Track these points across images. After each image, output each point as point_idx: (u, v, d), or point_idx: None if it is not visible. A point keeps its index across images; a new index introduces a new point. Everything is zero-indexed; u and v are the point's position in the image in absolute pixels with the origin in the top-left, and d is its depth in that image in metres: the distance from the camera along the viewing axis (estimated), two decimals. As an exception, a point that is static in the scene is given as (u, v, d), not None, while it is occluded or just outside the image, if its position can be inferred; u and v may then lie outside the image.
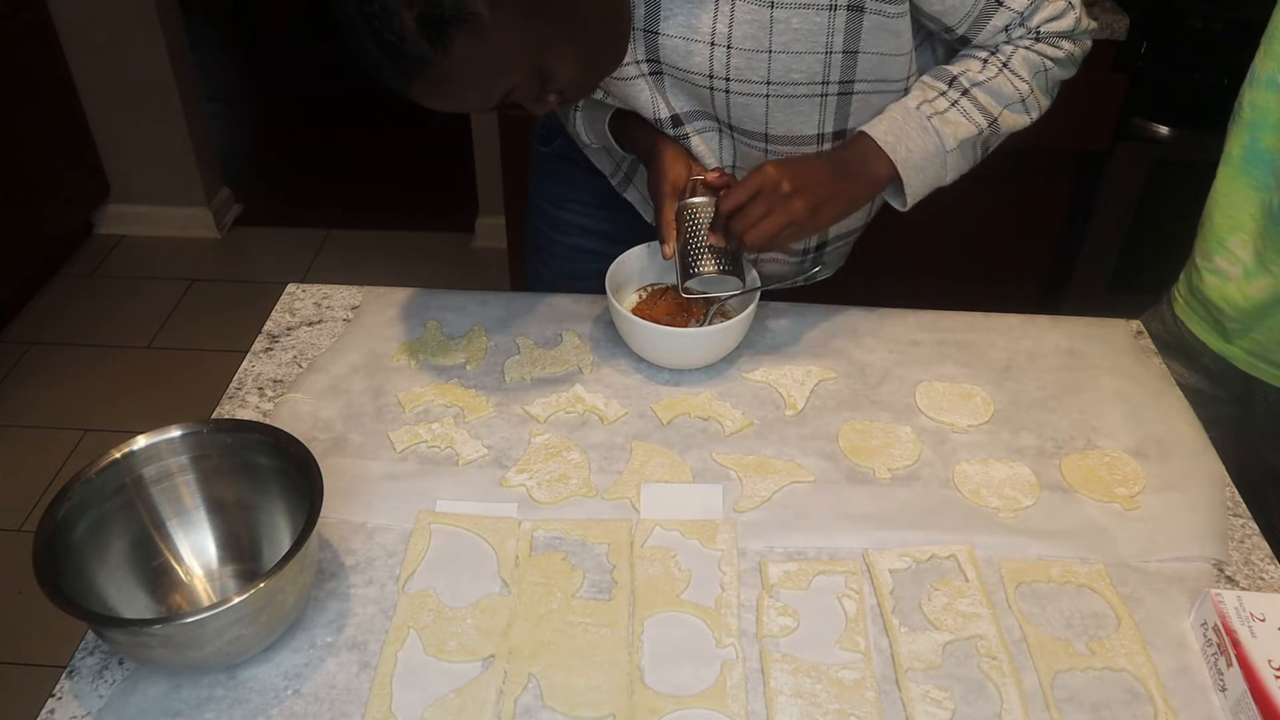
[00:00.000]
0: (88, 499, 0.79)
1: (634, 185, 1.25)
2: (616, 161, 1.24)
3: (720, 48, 0.96)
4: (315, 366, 1.08)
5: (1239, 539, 0.92)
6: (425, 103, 0.86)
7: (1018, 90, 1.02)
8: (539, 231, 1.38)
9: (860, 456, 0.99)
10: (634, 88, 1.02)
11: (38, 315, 2.72)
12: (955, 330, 1.17)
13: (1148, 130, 2.09)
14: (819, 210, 0.99)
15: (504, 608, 0.83)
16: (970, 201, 2.16)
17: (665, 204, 1.04)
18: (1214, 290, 1.13)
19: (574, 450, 0.99)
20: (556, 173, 1.32)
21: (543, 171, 1.35)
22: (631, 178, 1.25)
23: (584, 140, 1.18)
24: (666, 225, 1.03)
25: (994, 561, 0.89)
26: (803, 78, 0.97)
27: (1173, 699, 0.78)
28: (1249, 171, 1.08)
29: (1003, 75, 1.01)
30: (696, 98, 1.03)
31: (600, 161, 1.25)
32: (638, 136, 1.10)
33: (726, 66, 0.97)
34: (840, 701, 0.76)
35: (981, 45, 1.02)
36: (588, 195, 1.30)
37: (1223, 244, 1.11)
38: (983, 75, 1.01)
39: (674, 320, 1.10)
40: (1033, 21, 0.99)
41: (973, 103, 1.01)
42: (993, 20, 0.99)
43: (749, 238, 0.99)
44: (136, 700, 0.76)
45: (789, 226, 0.98)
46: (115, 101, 2.79)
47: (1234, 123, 1.11)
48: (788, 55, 0.95)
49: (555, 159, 1.31)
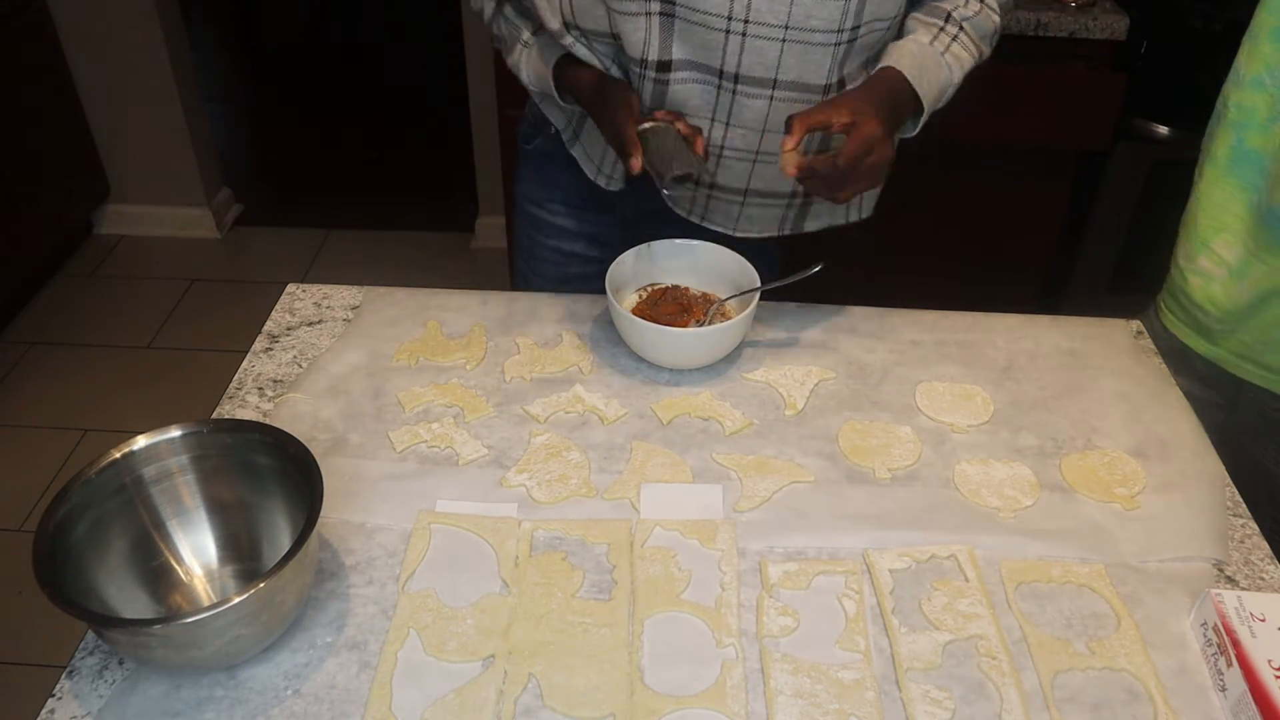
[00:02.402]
0: (88, 499, 0.79)
1: (580, 142, 1.23)
2: (567, 116, 1.22)
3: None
4: (315, 366, 1.08)
5: (1239, 539, 0.92)
6: None
7: (994, 24, 1.10)
8: (523, 234, 1.38)
9: (860, 456, 0.99)
10: (631, 24, 1.00)
11: (38, 315, 2.72)
12: (955, 330, 1.17)
13: (1148, 130, 2.09)
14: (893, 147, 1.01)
15: (504, 608, 0.83)
16: (970, 201, 2.17)
17: (627, 120, 1.03)
18: (1198, 292, 1.13)
19: (574, 450, 0.99)
20: (538, 172, 1.32)
21: (525, 171, 1.34)
22: (579, 134, 1.23)
23: (523, 81, 1.15)
24: (630, 141, 1.02)
25: (994, 561, 0.89)
26: (821, 24, 0.98)
27: (1173, 699, 0.78)
28: (1235, 172, 1.08)
29: (984, 10, 1.08)
30: (703, 43, 1.01)
31: (550, 111, 1.23)
32: (580, 77, 1.08)
33: (747, 8, 0.97)
34: (840, 701, 0.76)
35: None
36: (571, 197, 1.30)
37: (1207, 245, 1.11)
38: (969, 10, 1.07)
39: (674, 320, 1.10)
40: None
41: (968, 37, 1.07)
42: None
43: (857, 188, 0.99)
44: (136, 700, 0.76)
45: (879, 172, 0.99)
46: (115, 101, 2.79)
47: (1218, 124, 1.11)
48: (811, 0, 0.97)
49: (537, 157, 1.31)
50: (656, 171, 1.02)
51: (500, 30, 1.15)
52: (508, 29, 1.14)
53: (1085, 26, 1.97)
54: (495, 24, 1.15)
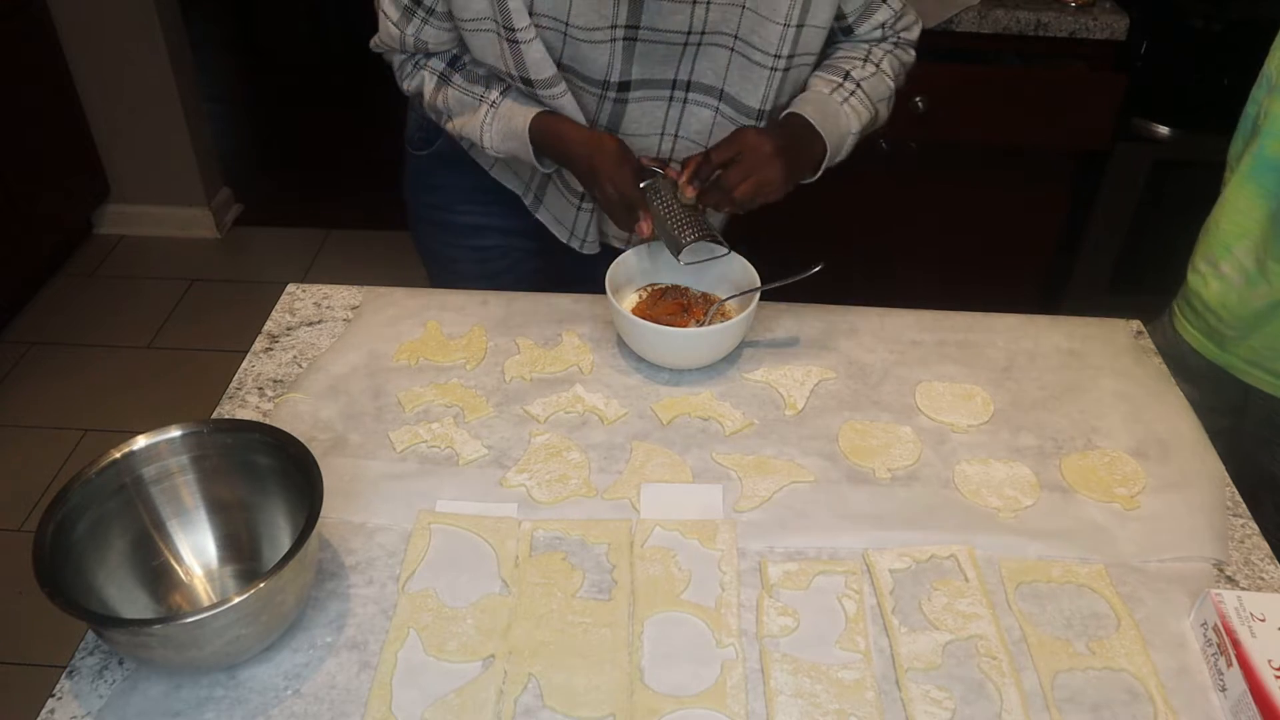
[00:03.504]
0: (88, 499, 0.79)
1: (544, 206, 1.26)
2: (526, 181, 1.24)
3: (700, 4, 1.02)
4: (315, 366, 1.08)
5: (1239, 539, 0.92)
6: None
7: (889, 88, 1.14)
8: (433, 241, 1.36)
9: (860, 456, 0.99)
10: (597, 50, 1.04)
11: (38, 315, 2.72)
12: (955, 330, 1.17)
13: (1148, 130, 2.09)
14: (790, 175, 1.04)
15: (504, 608, 0.83)
16: (970, 201, 2.17)
17: (631, 183, 1.06)
18: (1215, 297, 1.13)
19: (574, 450, 0.99)
20: (439, 176, 1.30)
21: (422, 178, 1.32)
22: (542, 198, 1.25)
23: (489, 151, 1.13)
24: (639, 203, 1.06)
25: (994, 561, 0.89)
26: (761, 43, 1.04)
27: (1173, 699, 0.78)
28: (1256, 178, 1.07)
29: (879, 74, 1.13)
30: (662, 58, 1.06)
31: (507, 180, 1.25)
32: (564, 132, 1.07)
33: (705, 21, 1.03)
34: (840, 701, 0.76)
35: (855, 45, 1.14)
36: (477, 194, 1.29)
37: (1229, 250, 1.11)
38: (865, 72, 1.12)
39: (674, 320, 1.10)
40: (897, 25, 1.14)
41: (864, 94, 1.11)
42: (875, 15, 1.12)
43: (739, 192, 1.02)
44: (136, 700, 0.76)
45: (769, 185, 1.03)
46: (115, 101, 2.79)
47: (1243, 128, 1.11)
48: (755, 16, 1.03)
49: (434, 161, 1.29)
50: (670, 238, 1.06)
51: (446, 104, 1.12)
52: (460, 98, 1.11)
53: (1085, 26, 1.97)
54: (438, 97, 1.12)
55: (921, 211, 2.09)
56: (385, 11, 1.08)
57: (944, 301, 1.23)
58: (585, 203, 1.21)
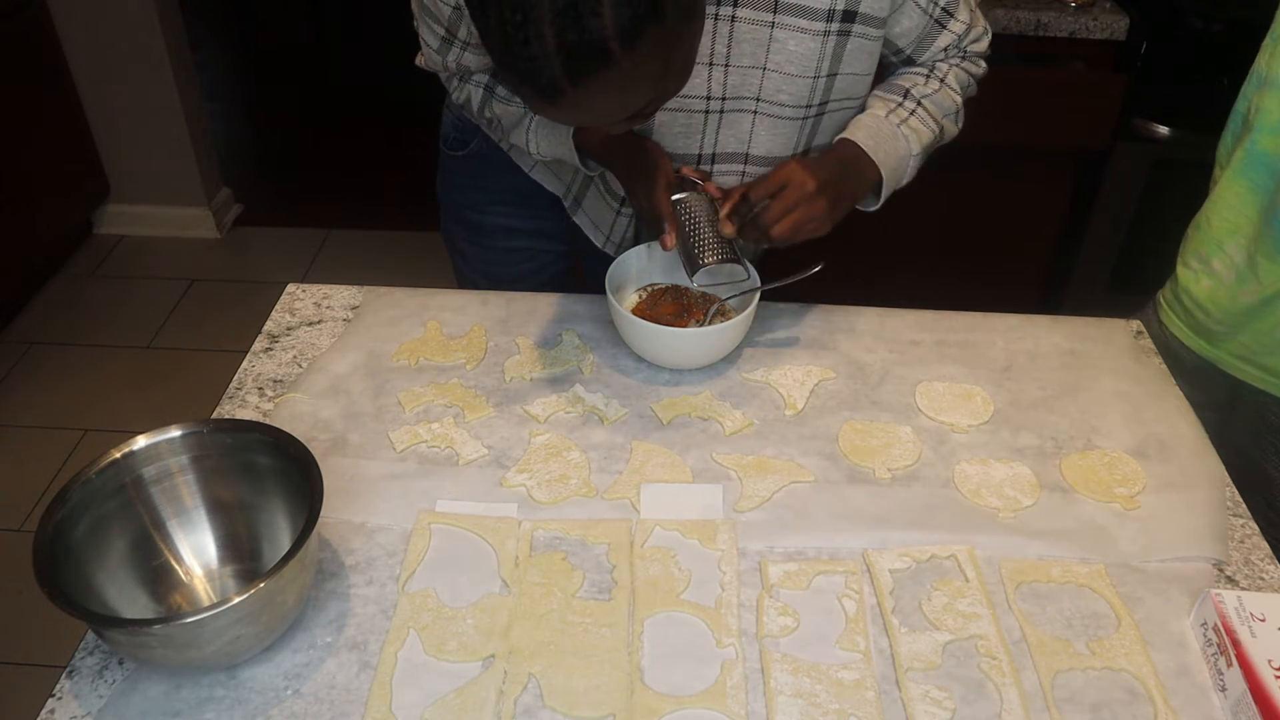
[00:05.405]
0: (88, 499, 0.79)
1: (583, 209, 1.25)
2: (566, 184, 1.24)
3: (719, 67, 1.00)
4: (315, 366, 1.08)
5: (1239, 539, 0.92)
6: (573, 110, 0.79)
7: (955, 102, 1.11)
8: (462, 239, 1.37)
9: (860, 456, 0.99)
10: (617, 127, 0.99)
11: (38, 315, 2.72)
12: (955, 330, 1.17)
13: (1148, 130, 2.09)
14: (834, 209, 1.01)
15: (504, 608, 0.83)
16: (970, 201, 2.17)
17: (661, 195, 1.03)
18: (1205, 293, 1.13)
19: (574, 450, 0.99)
20: (473, 176, 1.31)
21: (456, 178, 1.33)
22: (581, 201, 1.24)
23: (535, 155, 1.14)
24: (666, 216, 1.03)
25: (994, 561, 0.89)
26: (789, 99, 1.02)
27: (1173, 699, 0.78)
28: (1247, 174, 1.07)
29: (943, 89, 1.10)
30: (683, 132, 1.05)
31: (547, 182, 1.25)
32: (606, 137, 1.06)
33: (724, 85, 1.02)
34: (840, 701, 0.76)
35: (921, 64, 1.11)
36: (510, 195, 1.29)
37: (1221, 247, 1.11)
38: (928, 89, 1.09)
39: (674, 320, 1.10)
40: (963, 42, 1.10)
41: (926, 112, 1.08)
42: (936, 41, 1.08)
43: (776, 230, 0.99)
44: (136, 700, 0.76)
45: (811, 222, 1.00)
46: (115, 102, 2.79)
47: (1234, 124, 1.11)
48: (779, 75, 1.01)
49: (470, 161, 1.29)
50: (688, 256, 1.04)
51: (493, 112, 1.12)
52: (505, 108, 1.11)
53: (1085, 27, 1.97)
54: (487, 108, 1.12)
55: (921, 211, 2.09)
56: (425, 40, 1.07)
57: (944, 301, 1.23)
58: (625, 207, 1.21)
